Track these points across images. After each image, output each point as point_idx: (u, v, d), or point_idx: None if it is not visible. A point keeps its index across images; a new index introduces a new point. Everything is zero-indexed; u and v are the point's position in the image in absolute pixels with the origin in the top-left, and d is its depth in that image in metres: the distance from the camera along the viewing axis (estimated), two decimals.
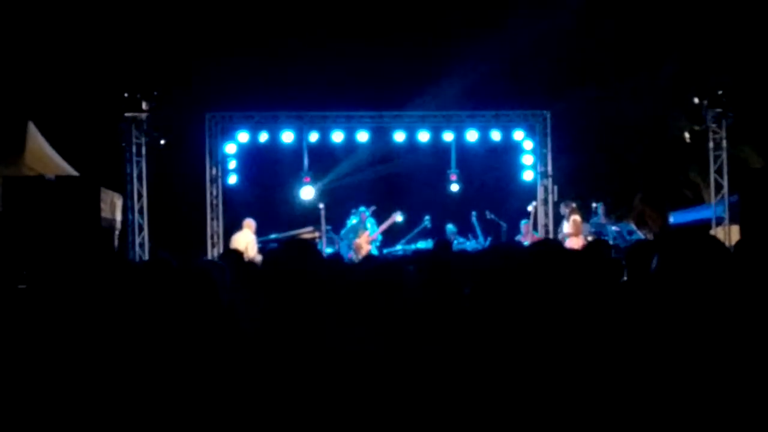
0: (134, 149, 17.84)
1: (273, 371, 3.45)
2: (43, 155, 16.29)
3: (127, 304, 4.21)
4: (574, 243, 15.96)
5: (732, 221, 17.69)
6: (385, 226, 18.41)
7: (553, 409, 3.27)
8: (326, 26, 22.96)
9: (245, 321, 4.01)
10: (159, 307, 4.00)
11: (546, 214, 19.87)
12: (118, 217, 17.36)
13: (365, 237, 17.95)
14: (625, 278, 5.31)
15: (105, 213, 15.73)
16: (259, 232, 17.79)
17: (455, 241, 18.11)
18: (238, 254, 7.53)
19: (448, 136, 19.94)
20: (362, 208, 18.43)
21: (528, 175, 20.28)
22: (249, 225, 17.48)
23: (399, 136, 19.82)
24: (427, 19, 23.28)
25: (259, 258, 15.78)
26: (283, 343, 3.57)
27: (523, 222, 18.70)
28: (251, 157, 20.33)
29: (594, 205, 18.43)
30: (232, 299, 5.05)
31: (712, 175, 18.42)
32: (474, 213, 18.98)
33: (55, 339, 4.00)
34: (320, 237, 18.17)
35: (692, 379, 3.09)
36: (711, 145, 18.26)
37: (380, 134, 20.02)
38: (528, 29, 23.26)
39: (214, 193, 19.76)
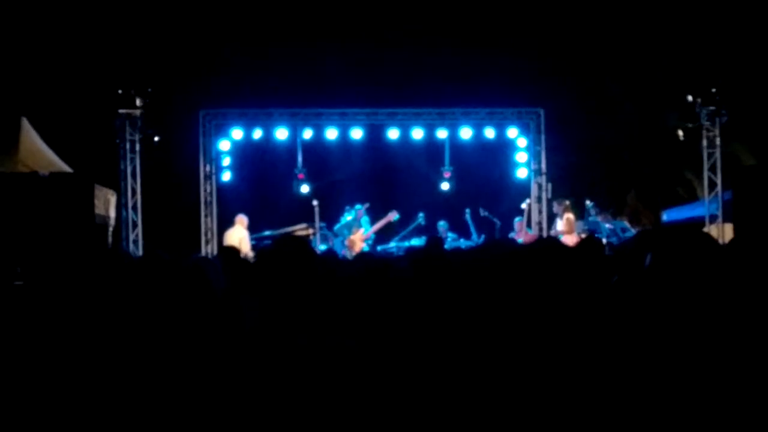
0: (128, 146, 17.85)
1: (267, 368, 3.45)
2: (37, 152, 16.26)
3: (121, 300, 4.21)
4: (568, 240, 15.97)
5: (726, 219, 17.73)
6: (379, 225, 18.39)
7: (546, 406, 3.28)
8: (320, 23, 22.92)
9: (240, 318, 4.01)
10: (153, 302, 4.01)
11: (539, 212, 19.90)
12: (112, 213, 17.34)
13: (359, 235, 17.93)
14: (617, 276, 5.32)
15: (99, 210, 15.71)
16: (253, 229, 17.77)
17: (449, 238, 18.11)
18: (234, 251, 7.52)
19: (442, 134, 19.96)
20: (359, 206, 18.41)
21: (522, 173, 20.30)
22: (241, 221, 17.42)
23: (393, 134, 19.85)
24: (421, 16, 23.25)
25: (251, 255, 15.76)
26: (277, 340, 3.57)
27: (516, 219, 18.71)
28: (245, 154, 20.33)
29: (588, 203, 18.45)
30: (227, 296, 5.05)
31: (706, 173, 18.46)
32: (468, 210, 18.97)
33: (49, 336, 4.00)
34: (314, 234, 18.16)
35: (685, 376, 3.10)
36: (705, 143, 18.31)
37: (374, 131, 20.04)
38: (522, 26, 23.27)
39: (208, 189, 19.76)
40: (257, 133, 19.69)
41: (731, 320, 3.21)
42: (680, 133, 18.71)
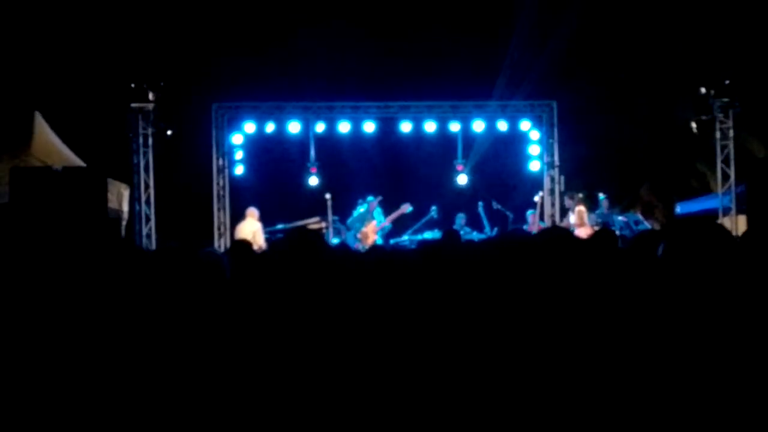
0: (141, 140, 17.92)
1: (279, 360, 3.46)
2: (50, 146, 16.31)
3: (134, 294, 4.22)
4: (581, 233, 15.93)
5: (739, 211, 17.68)
6: (393, 217, 18.40)
7: (560, 400, 3.28)
8: (332, 16, 22.90)
9: (252, 311, 4.02)
10: (167, 295, 4.02)
11: (552, 205, 19.88)
12: (125, 207, 17.37)
13: (372, 227, 17.93)
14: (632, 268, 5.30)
15: (112, 204, 15.75)
16: (266, 223, 17.76)
17: (462, 231, 18.09)
18: (246, 244, 7.52)
19: (454, 127, 19.95)
20: (371, 198, 18.41)
21: (534, 166, 20.28)
22: (252, 214, 17.38)
23: (405, 127, 19.83)
24: (434, 8, 23.22)
25: (265, 247, 15.79)
26: (288, 332, 3.58)
27: (529, 212, 18.68)
28: (258, 147, 20.36)
29: (600, 196, 18.42)
30: (238, 289, 5.05)
31: (719, 165, 18.41)
32: (481, 203, 18.97)
33: (62, 330, 4.01)
34: (327, 227, 18.17)
35: (698, 369, 3.09)
36: (718, 135, 18.24)
37: (387, 124, 20.05)
38: (535, 19, 23.20)
39: (221, 183, 19.81)
40: (270, 127, 19.73)
41: (745, 312, 3.20)
42: (693, 125, 18.64)
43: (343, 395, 3.38)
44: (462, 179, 20.10)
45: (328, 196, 18.41)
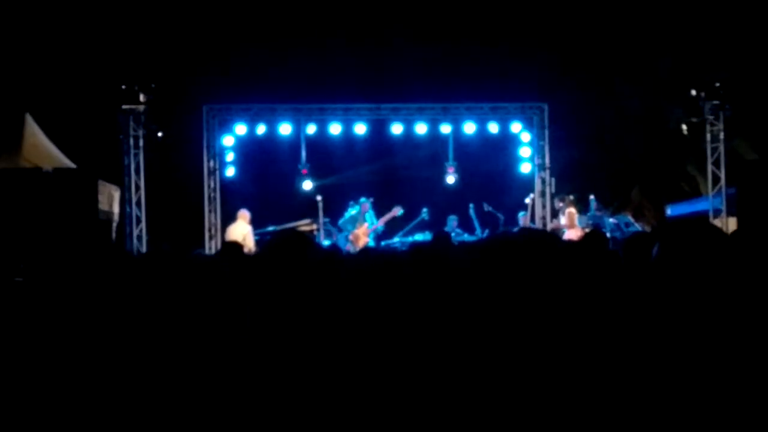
0: (132, 141, 17.85)
1: (269, 364, 3.45)
2: (41, 147, 16.28)
3: (125, 297, 4.21)
4: (571, 235, 15.99)
5: (729, 213, 17.71)
6: (384, 220, 18.36)
7: (552, 404, 3.27)
8: (324, 18, 22.92)
9: (243, 313, 4.01)
10: (158, 299, 4.01)
11: (543, 206, 19.87)
12: (116, 209, 17.34)
13: (364, 229, 17.91)
14: (622, 270, 5.30)
15: (102, 205, 15.72)
16: (257, 225, 17.72)
17: (453, 233, 18.09)
18: (237, 246, 7.51)
19: (445, 129, 19.92)
20: (363, 199, 18.38)
21: (525, 168, 20.26)
22: (243, 216, 17.29)
23: (396, 129, 19.80)
24: (425, 11, 23.25)
25: (255, 249, 15.77)
26: (278, 335, 3.57)
27: (520, 214, 18.70)
28: (249, 149, 20.32)
29: (591, 198, 18.45)
30: (230, 291, 5.04)
31: (710, 168, 18.41)
32: (471, 205, 18.95)
33: (52, 333, 4.00)
34: (318, 229, 18.15)
35: (693, 370, 3.09)
36: (708, 137, 18.25)
37: (378, 126, 20.02)
38: (526, 20, 23.25)
39: (212, 185, 19.76)
40: (261, 129, 19.68)
41: (741, 313, 3.20)
42: (684, 127, 18.68)
43: (335, 396, 3.37)
44: (452, 181, 20.08)
45: (319, 197, 18.39)
